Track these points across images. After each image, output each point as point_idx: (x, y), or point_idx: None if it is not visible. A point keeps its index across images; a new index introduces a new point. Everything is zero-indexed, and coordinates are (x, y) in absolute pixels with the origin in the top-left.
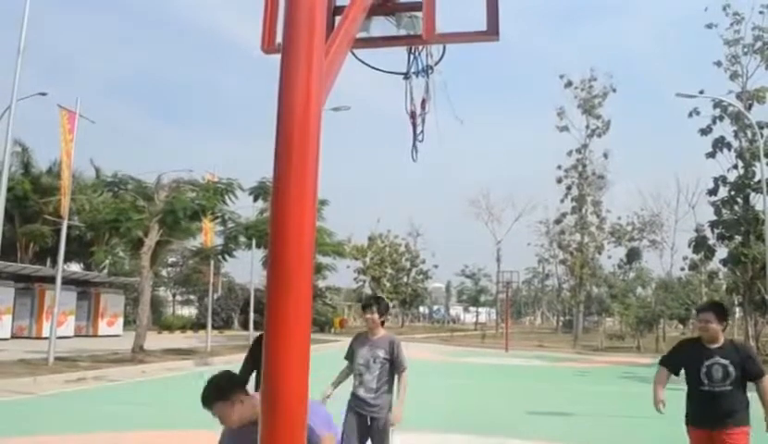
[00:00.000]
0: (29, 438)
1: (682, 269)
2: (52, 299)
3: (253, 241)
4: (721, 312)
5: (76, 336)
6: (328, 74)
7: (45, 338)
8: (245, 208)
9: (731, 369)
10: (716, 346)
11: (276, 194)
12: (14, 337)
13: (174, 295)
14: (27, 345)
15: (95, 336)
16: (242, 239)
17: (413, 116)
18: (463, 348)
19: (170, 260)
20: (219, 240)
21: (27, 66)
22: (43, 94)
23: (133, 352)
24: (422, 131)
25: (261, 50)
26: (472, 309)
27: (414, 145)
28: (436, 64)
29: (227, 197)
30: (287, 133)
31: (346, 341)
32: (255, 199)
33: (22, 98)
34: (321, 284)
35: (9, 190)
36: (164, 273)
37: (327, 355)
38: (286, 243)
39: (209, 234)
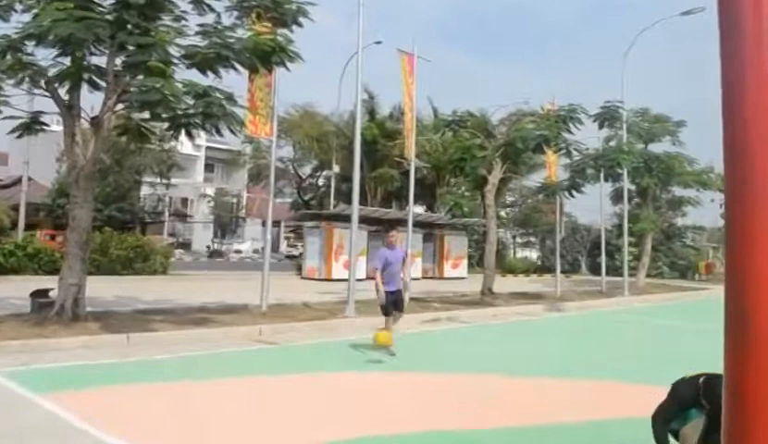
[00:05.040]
0: (407, 374)
1: None
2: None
3: (602, 173)
4: None
5: (423, 278)
6: None
7: None
8: (590, 138)
9: None
10: None
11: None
12: (368, 278)
13: (514, 237)
14: None
15: (441, 278)
16: (590, 171)
17: None
18: None
19: (508, 200)
20: (563, 176)
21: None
22: (379, 43)
23: (482, 295)
24: None
25: None
26: None
27: None
28: None
29: (570, 125)
30: None
31: (713, 289)
32: (601, 126)
33: (365, 46)
34: (680, 222)
35: (360, 136)
36: (502, 213)
37: (685, 305)
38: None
39: (553, 168)
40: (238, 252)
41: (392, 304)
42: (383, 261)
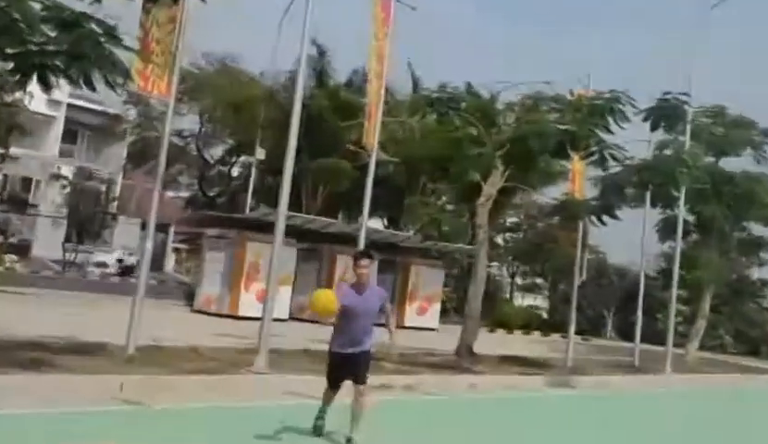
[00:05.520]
0: None
1: None
2: (345, 265)
3: (648, 194)
4: None
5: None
6: None
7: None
8: (631, 144)
9: None
10: None
11: None
12: (292, 318)
13: (513, 275)
14: (308, 330)
15: (401, 326)
16: (630, 189)
17: None
18: None
19: (510, 221)
20: (592, 192)
21: None
22: None
23: (458, 356)
24: None
25: None
26: None
27: None
28: None
29: (610, 120)
30: None
31: None
32: (654, 126)
33: None
34: (756, 274)
35: (302, 108)
36: (499, 240)
37: (753, 398)
38: None
39: (578, 180)
40: (101, 264)
41: (346, 372)
42: (338, 305)
